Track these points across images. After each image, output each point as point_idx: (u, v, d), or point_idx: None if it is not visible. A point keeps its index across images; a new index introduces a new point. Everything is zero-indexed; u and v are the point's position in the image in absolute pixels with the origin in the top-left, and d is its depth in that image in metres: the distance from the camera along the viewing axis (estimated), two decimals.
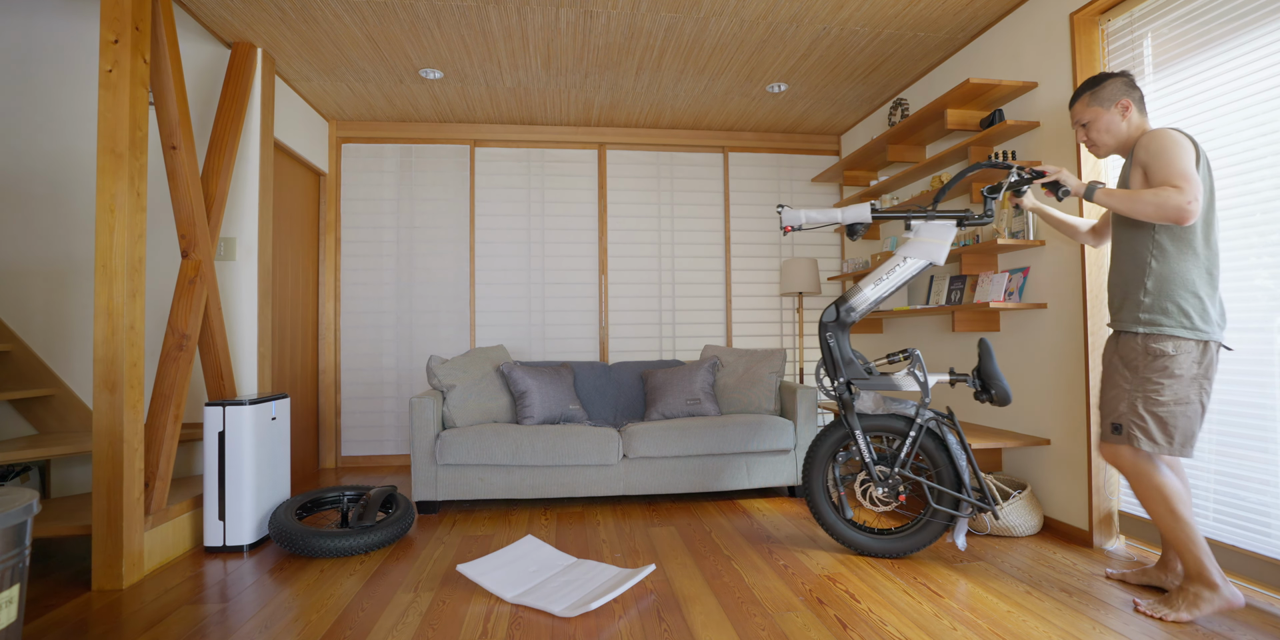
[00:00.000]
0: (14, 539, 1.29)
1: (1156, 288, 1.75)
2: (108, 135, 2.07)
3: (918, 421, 2.20)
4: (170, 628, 1.76)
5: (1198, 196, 1.63)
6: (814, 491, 2.32)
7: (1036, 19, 2.63)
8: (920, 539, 2.22)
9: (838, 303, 2.25)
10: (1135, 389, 1.76)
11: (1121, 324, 1.81)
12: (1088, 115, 1.89)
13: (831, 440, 2.33)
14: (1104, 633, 1.69)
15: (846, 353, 2.25)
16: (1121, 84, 1.85)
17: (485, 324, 4.11)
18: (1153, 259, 1.76)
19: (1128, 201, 1.71)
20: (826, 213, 2.23)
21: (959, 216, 2.19)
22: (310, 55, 3.11)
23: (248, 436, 2.41)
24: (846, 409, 2.26)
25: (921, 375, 2.18)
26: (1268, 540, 1.88)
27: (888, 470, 2.23)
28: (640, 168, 4.27)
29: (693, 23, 2.83)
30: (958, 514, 2.16)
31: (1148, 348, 1.74)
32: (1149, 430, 1.73)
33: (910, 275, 2.20)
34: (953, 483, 2.19)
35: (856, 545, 2.28)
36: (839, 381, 2.25)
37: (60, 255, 2.76)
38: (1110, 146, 1.88)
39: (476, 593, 1.99)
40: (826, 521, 2.31)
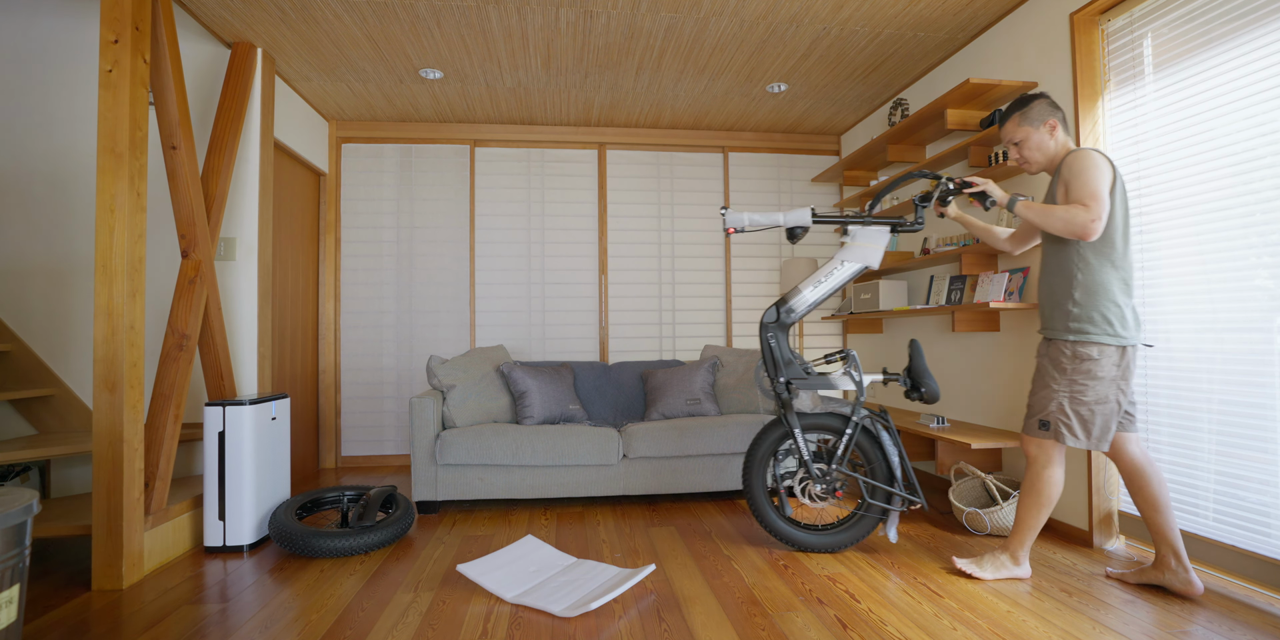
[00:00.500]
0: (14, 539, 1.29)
1: (1083, 298, 1.90)
2: (108, 135, 2.07)
3: (854, 419, 2.28)
4: (170, 628, 1.76)
5: (1102, 215, 1.80)
6: (754, 490, 2.35)
7: (1036, 19, 2.63)
8: (856, 533, 2.30)
9: (778, 304, 2.30)
10: (1063, 389, 1.91)
11: (1053, 332, 1.96)
12: (1019, 134, 2.03)
13: (771, 439, 2.37)
14: (1104, 633, 1.69)
15: (786, 353, 2.30)
16: (1047, 105, 2.01)
17: (485, 324, 4.11)
18: (1078, 272, 1.91)
19: (1042, 215, 1.89)
20: (769, 216, 2.29)
21: (893, 222, 2.28)
22: (310, 55, 3.11)
23: (248, 436, 2.41)
24: (786, 408, 2.31)
25: (857, 375, 2.26)
26: (1268, 540, 1.88)
27: (826, 467, 2.29)
28: (640, 168, 4.27)
29: (693, 23, 2.83)
30: (890, 507, 2.25)
31: (1075, 352, 1.90)
32: (1073, 427, 1.91)
33: (847, 278, 2.27)
34: (886, 478, 2.29)
35: (796, 542, 2.31)
36: (779, 381, 2.29)
37: (60, 255, 2.76)
38: (1040, 164, 2.04)
39: (476, 593, 1.99)
40: (766, 520, 2.34)
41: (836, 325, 4.41)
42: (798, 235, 2.28)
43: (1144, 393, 2.27)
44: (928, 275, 3.45)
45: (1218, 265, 2.02)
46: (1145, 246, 2.26)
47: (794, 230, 2.28)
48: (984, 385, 2.98)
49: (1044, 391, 1.96)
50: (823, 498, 2.30)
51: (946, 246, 3.12)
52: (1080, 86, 2.41)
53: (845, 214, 2.26)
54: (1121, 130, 2.34)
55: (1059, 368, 1.93)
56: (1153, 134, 2.22)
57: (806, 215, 2.26)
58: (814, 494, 2.30)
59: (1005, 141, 2.09)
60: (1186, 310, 2.12)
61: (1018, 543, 2.05)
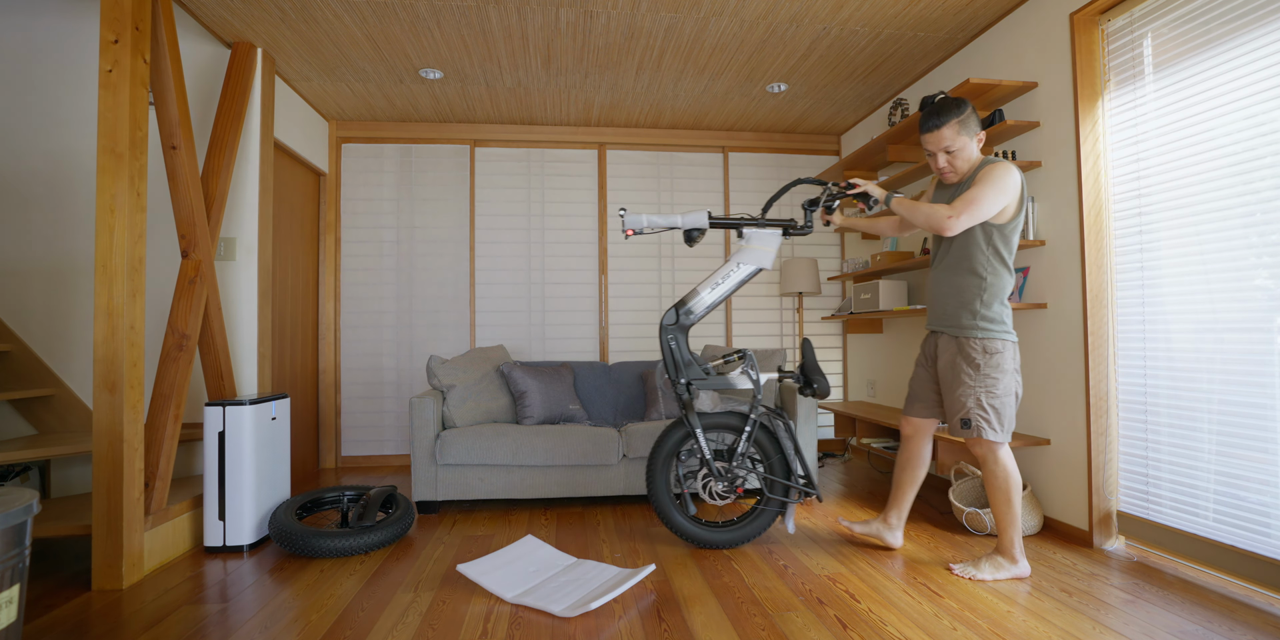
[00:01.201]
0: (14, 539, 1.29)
1: (989, 299, 2.03)
2: (108, 135, 2.07)
3: (752, 417, 2.33)
4: (170, 628, 1.76)
5: (961, 216, 1.93)
6: (657, 491, 2.36)
7: (1036, 19, 2.63)
8: (756, 527, 2.36)
9: (677, 306, 2.32)
10: (978, 385, 2.02)
11: (964, 330, 2.06)
12: (958, 143, 2.02)
13: (673, 440, 2.39)
14: (1104, 633, 1.69)
15: (686, 355, 2.32)
16: (977, 116, 2.07)
17: (485, 324, 4.11)
18: (987, 275, 2.03)
19: (910, 210, 2.03)
20: (668, 218, 2.31)
21: (784, 225, 2.35)
22: (310, 55, 3.11)
23: (248, 436, 2.41)
24: (687, 409, 2.32)
25: (754, 374, 2.30)
26: (1268, 540, 1.88)
27: (726, 465, 2.33)
28: (640, 168, 4.27)
29: (693, 23, 2.83)
30: (788, 500, 2.32)
31: (986, 348, 2.02)
32: (990, 421, 2.02)
33: (743, 279, 2.32)
34: (783, 473, 2.36)
35: (700, 540, 2.35)
36: (680, 382, 2.31)
37: (60, 255, 2.76)
38: (963, 173, 2.07)
39: (476, 593, 1.99)
40: (670, 520, 2.35)
41: (837, 325, 4.41)
42: (695, 238, 2.31)
43: (1144, 392, 2.27)
44: (928, 275, 3.45)
45: (1218, 265, 2.02)
46: (1145, 246, 2.26)
47: (691, 232, 2.32)
48: None
49: (961, 389, 2.05)
50: (725, 495, 2.34)
51: None
52: (1080, 86, 2.41)
53: (741, 217, 2.32)
54: (1121, 130, 2.34)
55: (972, 364, 2.03)
56: (1153, 134, 2.22)
57: (704, 218, 2.31)
58: (716, 492, 2.33)
59: (936, 147, 2.03)
60: (1186, 310, 2.12)
61: (1007, 540, 2.07)
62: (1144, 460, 2.27)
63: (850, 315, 3.76)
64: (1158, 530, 2.20)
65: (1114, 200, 2.38)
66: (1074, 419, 2.46)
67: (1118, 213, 2.37)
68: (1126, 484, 2.34)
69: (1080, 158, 2.41)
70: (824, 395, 2.31)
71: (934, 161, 2.07)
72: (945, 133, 2.00)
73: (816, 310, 4.39)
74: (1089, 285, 2.39)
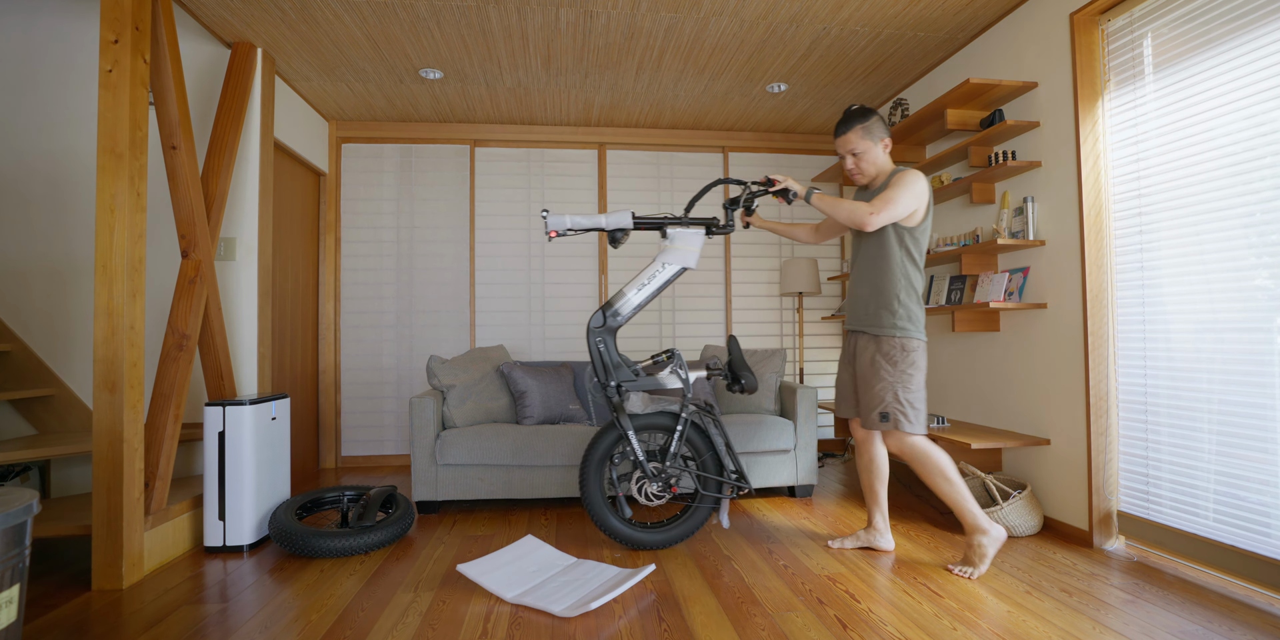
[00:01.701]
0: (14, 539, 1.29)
1: (905, 299, 2.14)
2: (108, 135, 2.07)
3: (683, 416, 2.34)
4: (170, 628, 1.76)
5: (881, 212, 2.03)
6: (591, 494, 2.33)
7: (1036, 19, 2.63)
8: (690, 525, 2.36)
9: (604, 308, 2.31)
10: (896, 381, 2.12)
11: (882, 329, 2.16)
12: (861, 146, 2.18)
13: (606, 443, 2.37)
14: (1104, 633, 1.69)
15: (614, 356, 2.30)
16: (883, 123, 2.20)
17: (485, 324, 4.11)
18: (903, 276, 2.14)
19: (831, 205, 2.11)
20: (591, 218, 2.29)
21: (706, 224, 2.34)
22: (310, 55, 3.11)
23: (248, 436, 2.41)
24: (618, 411, 2.31)
25: (683, 373, 2.31)
26: (1268, 540, 1.88)
27: (660, 465, 2.32)
28: (640, 168, 4.27)
29: (693, 23, 2.83)
30: (721, 496, 2.35)
31: (903, 346, 2.12)
32: (907, 414, 2.11)
33: (668, 279, 2.31)
34: (715, 469, 2.38)
35: (636, 542, 2.33)
36: (610, 385, 2.29)
37: (60, 255, 2.76)
38: (869, 176, 2.23)
39: (476, 593, 1.99)
40: (605, 523, 2.32)
41: (837, 325, 4.41)
42: (619, 239, 2.30)
43: (1144, 393, 2.27)
44: (928, 275, 3.45)
45: (1218, 265, 2.02)
46: (1145, 246, 2.26)
47: (615, 233, 2.30)
48: (984, 385, 2.98)
49: (879, 385, 2.14)
50: (659, 496, 2.33)
51: (946, 246, 3.12)
52: (1080, 86, 2.41)
53: (664, 216, 2.33)
54: (1121, 130, 2.34)
55: (891, 361, 2.13)
56: (1153, 134, 2.22)
57: (627, 218, 2.29)
58: (650, 493, 2.32)
59: (844, 150, 2.21)
60: (1186, 310, 2.12)
61: (970, 516, 2.12)
62: (1144, 460, 2.27)
63: None
64: (1158, 530, 2.20)
65: (1114, 200, 2.38)
66: (1074, 419, 2.46)
67: (1118, 213, 2.37)
68: (1127, 484, 2.34)
69: (1080, 158, 2.41)
70: (751, 391, 2.33)
71: (844, 163, 2.26)
72: (851, 137, 2.18)
73: (816, 310, 4.39)
74: (1089, 285, 2.39)
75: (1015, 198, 2.77)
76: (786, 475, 3.08)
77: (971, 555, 2.11)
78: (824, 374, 4.39)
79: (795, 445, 3.08)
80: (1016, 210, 2.73)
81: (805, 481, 3.10)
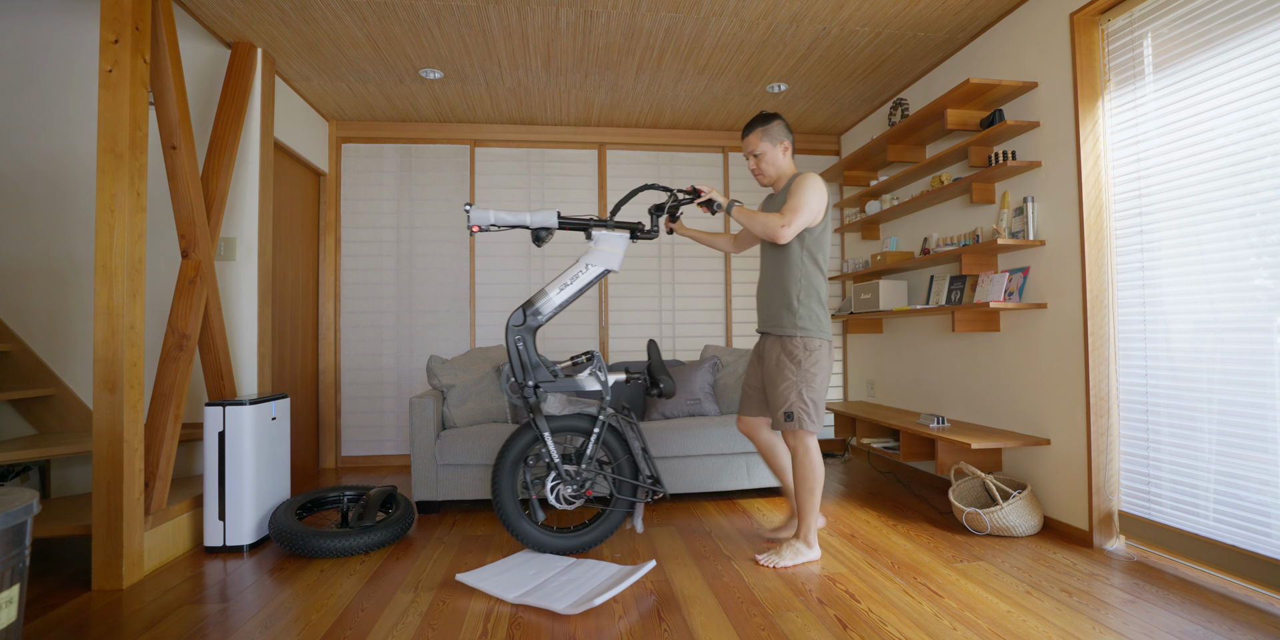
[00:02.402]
0: (14, 539, 1.29)
1: (806, 300, 2.21)
2: (108, 135, 2.07)
3: (600, 419, 2.32)
4: (170, 628, 1.76)
5: (793, 224, 2.11)
6: (502, 497, 2.28)
7: (1036, 19, 2.63)
8: (604, 530, 2.33)
9: (524, 306, 2.27)
10: (800, 381, 2.17)
11: (784, 329, 2.22)
12: (761, 148, 2.29)
13: (521, 444, 2.33)
14: (1104, 632, 1.69)
15: (533, 356, 2.27)
16: (784, 127, 2.29)
17: (485, 324, 4.11)
18: (803, 277, 2.21)
19: (748, 218, 2.17)
20: (516, 214, 2.25)
21: (631, 228, 2.34)
22: (310, 55, 3.11)
23: (248, 436, 2.41)
24: (535, 412, 2.28)
25: (603, 375, 2.29)
26: (1268, 540, 1.88)
27: (575, 468, 2.29)
28: (640, 168, 4.27)
29: (693, 23, 2.83)
30: (636, 500, 2.33)
31: (806, 345, 2.19)
32: (810, 413, 2.17)
33: (591, 281, 2.29)
34: (631, 473, 2.35)
35: (548, 547, 2.28)
36: (528, 385, 2.26)
37: (60, 255, 2.76)
38: (771, 177, 2.32)
39: (476, 593, 1.99)
40: (515, 527, 2.27)
41: (837, 325, 4.41)
42: (542, 238, 2.27)
43: (1144, 393, 2.27)
44: (928, 275, 3.45)
45: (1218, 265, 2.02)
46: (1145, 246, 2.26)
47: (539, 232, 2.27)
48: (984, 385, 2.98)
49: (784, 385, 2.19)
50: (574, 499, 2.29)
51: (946, 246, 3.12)
52: (1080, 86, 2.41)
53: (590, 218, 2.32)
54: (1121, 130, 2.34)
55: (795, 361, 2.18)
56: (1153, 134, 2.22)
57: (552, 217, 2.27)
58: (565, 497, 2.28)
59: (746, 151, 2.33)
60: (1186, 310, 2.12)
61: (806, 528, 2.21)
62: (1144, 460, 2.27)
63: (850, 315, 3.75)
64: (1158, 530, 2.20)
65: (1114, 200, 2.38)
66: (1074, 419, 2.46)
67: (1118, 213, 2.37)
68: (1127, 484, 2.34)
69: (1080, 158, 2.41)
70: (669, 395, 2.34)
71: (748, 163, 2.37)
72: (752, 139, 2.30)
73: None
74: (1089, 285, 2.39)
75: (1015, 198, 2.77)
76: None
77: (785, 551, 2.21)
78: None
79: None
80: (1016, 210, 2.73)
81: None
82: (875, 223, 3.92)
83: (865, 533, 2.56)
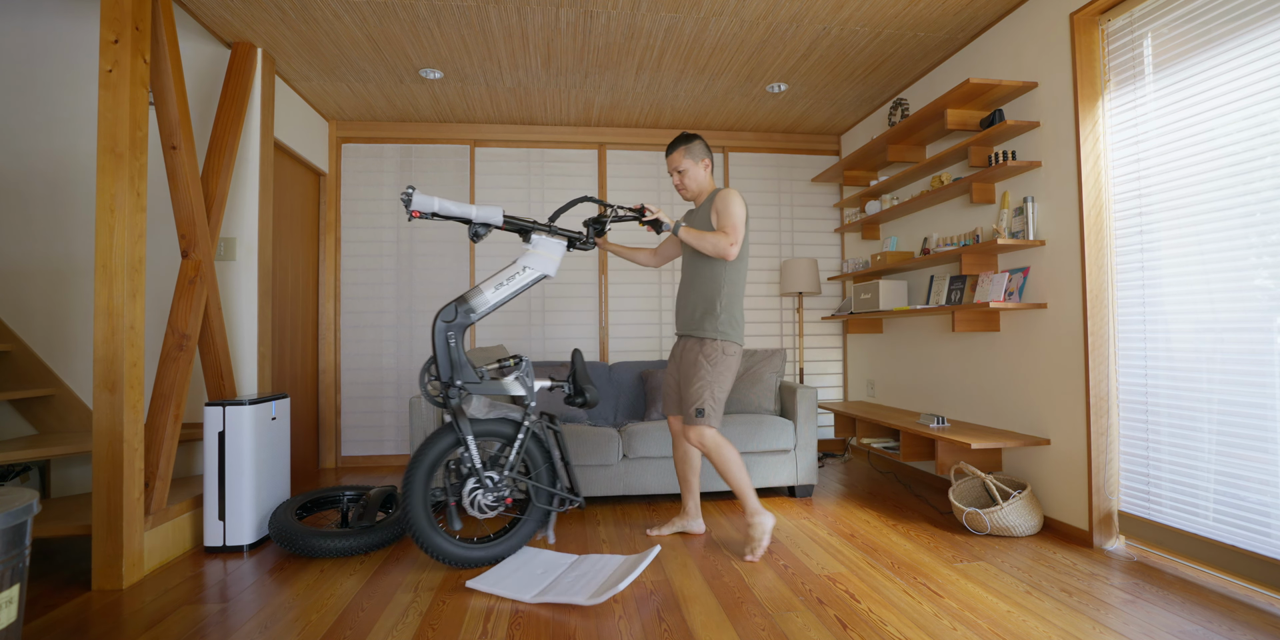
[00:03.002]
0: (14, 539, 1.29)
1: (727, 306, 2.35)
2: (108, 135, 2.07)
3: (525, 425, 2.25)
4: (170, 628, 1.76)
5: (738, 242, 2.28)
6: (413, 503, 2.14)
7: (1036, 19, 2.63)
8: (516, 541, 2.25)
9: (457, 303, 2.20)
10: (712, 380, 2.31)
11: (704, 332, 2.36)
12: (684, 165, 2.43)
13: (439, 448, 2.19)
14: (1104, 632, 1.69)
15: (461, 355, 2.19)
16: (704, 146, 2.46)
17: (485, 324, 4.11)
18: (725, 285, 2.35)
19: (698, 239, 2.29)
20: (461, 205, 2.19)
21: (571, 237, 2.36)
22: (310, 55, 3.11)
23: (248, 436, 2.41)
24: (457, 414, 2.18)
25: (529, 381, 2.28)
26: (1268, 540, 1.88)
27: (497, 476, 2.19)
28: (640, 167, 4.27)
29: (693, 23, 2.83)
30: (552, 509, 2.29)
31: (723, 350, 2.34)
32: (716, 411, 2.32)
33: (527, 284, 2.27)
34: (550, 482, 2.31)
35: (454, 558, 2.15)
36: (453, 385, 2.17)
37: (60, 255, 2.76)
38: (694, 192, 2.47)
39: (477, 593, 1.99)
40: (423, 537, 2.14)
41: (836, 325, 4.41)
42: (480, 234, 2.21)
43: (1144, 393, 2.27)
44: (928, 275, 3.45)
45: (1218, 265, 2.02)
46: (1145, 246, 2.26)
47: (477, 228, 2.21)
48: (984, 385, 2.98)
49: (698, 383, 2.32)
50: (492, 508, 2.18)
51: (946, 246, 3.12)
52: (1080, 86, 2.41)
53: (533, 222, 2.30)
54: (1121, 130, 2.34)
55: (711, 362, 2.32)
56: (1153, 134, 2.22)
57: (498, 214, 2.22)
58: (483, 505, 2.17)
59: (670, 168, 2.46)
60: (1186, 310, 2.12)
61: (751, 503, 2.34)
62: (1144, 460, 2.27)
63: (850, 315, 3.76)
64: (1158, 530, 2.20)
65: (1114, 200, 2.38)
66: (1074, 419, 2.46)
67: (1118, 213, 2.37)
68: (1127, 484, 2.34)
69: (1080, 158, 2.41)
70: (593, 405, 2.32)
71: (673, 180, 2.51)
72: (675, 157, 2.44)
73: (816, 310, 4.39)
74: (1089, 285, 2.39)
75: (1015, 198, 2.77)
76: (786, 475, 3.08)
77: (751, 535, 2.29)
78: (824, 374, 4.39)
79: (795, 445, 3.08)
80: (1016, 210, 2.73)
81: (805, 481, 3.10)
82: (875, 223, 3.92)
83: (865, 533, 2.56)
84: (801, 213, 4.39)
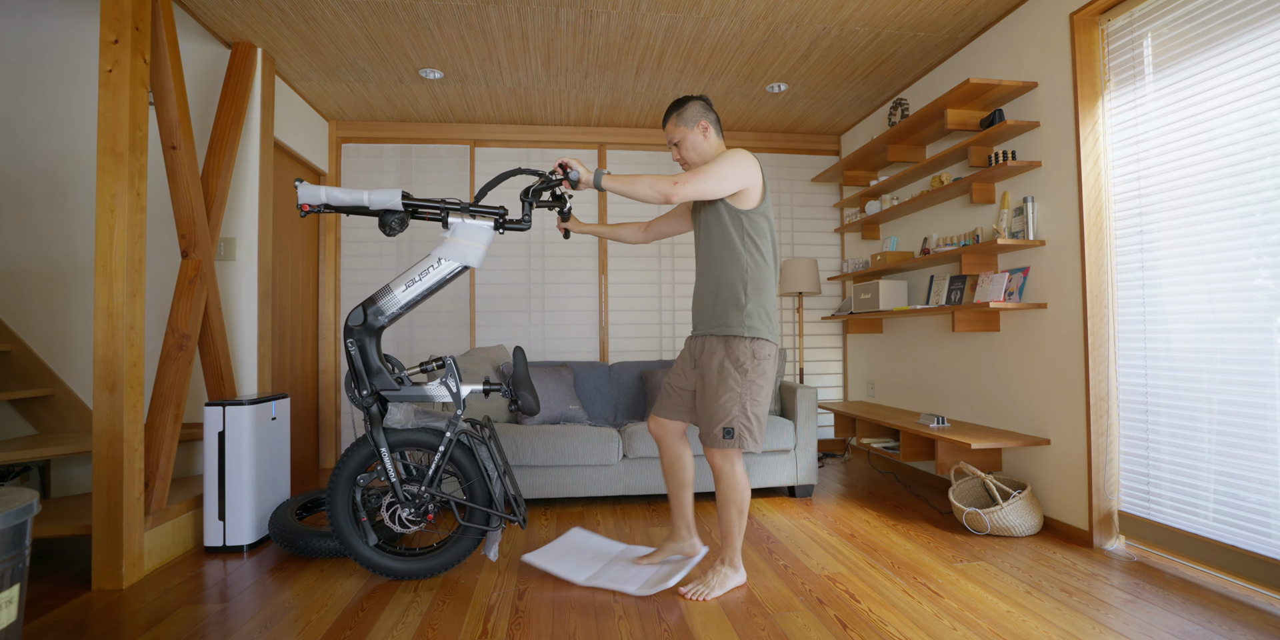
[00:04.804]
0: (14, 539, 1.29)
1: (752, 291, 1.92)
2: (108, 135, 2.07)
3: (448, 435, 2.05)
4: (170, 628, 1.76)
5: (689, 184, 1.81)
6: (337, 514, 2.08)
7: (1036, 19, 2.63)
8: (454, 555, 2.09)
9: (365, 305, 2.03)
10: (744, 391, 1.89)
11: (729, 328, 1.92)
12: (677, 135, 2.02)
13: (358, 458, 2.11)
14: (1104, 632, 1.69)
15: (374, 361, 2.04)
16: (701, 106, 2.02)
17: (485, 324, 4.11)
18: (749, 269, 1.92)
19: (627, 184, 1.85)
20: (353, 193, 1.95)
21: (497, 216, 2.05)
22: (310, 55, 3.11)
23: (248, 436, 2.41)
24: (373, 423, 2.06)
25: (454, 385, 2.05)
26: (1268, 540, 1.88)
27: (416, 489, 2.06)
28: (640, 167, 4.27)
29: (693, 23, 2.83)
30: (488, 528, 2.07)
31: (754, 351, 1.90)
32: (753, 431, 1.89)
33: (444, 278, 2.02)
34: (484, 497, 2.09)
35: (387, 571, 2.07)
36: (366, 393, 2.03)
37: (60, 255, 2.76)
38: (695, 163, 2.03)
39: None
40: (354, 550, 2.07)
41: (836, 325, 4.41)
42: (392, 225, 1.96)
43: (1144, 393, 2.27)
44: (928, 275, 3.45)
45: (1217, 265, 2.02)
46: (1145, 246, 2.26)
47: (386, 218, 1.97)
48: (984, 385, 2.98)
49: (726, 395, 1.89)
50: (414, 522, 2.07)
51: (946, 246, 3.12)
52: (1080, 86, 2.41)
53: (446, 201, 2.02)
54: (1121, 130, 2.34)
55: (740, 369, 1.89)
56: (1153, 134, 2.22)
57: (395, 197, 1.95)
58: (404, 519, 2.06)
59: (668, 142, 2.08)
60: (1186, 310, 2.12)
61: (732, 551, 1.99)
62: (1144, 460, 2.27)
63: (850, 315, 3.76)
64: (1158, 530, 2.20)
65: (1114, 200, 2.38)
66: (1074, 419, 2.46)
67: (1118, 213, 2.37)
68: (1127, 484, 2.34)
69: (1080, 158, 2.41)
70: (530, 412, 2.10)
71: (672, 155, 2.10)
72: (668, 128, 2.05)
73: (816, 310, 4.39)
74: (1089, 285, 2.39)
75: (1015, 198, 2.77)
76: (786, 475, 3.08)
77: (710, 578, 1.97)
78: (824, 374, 4.39)
79: (795, 445, 3.08)
80: (1016, 210, 2.73)
81: (805, 481, 3.10)
82: (875, 223, 3.92)
83: (865, 533, 2.56)
84: (801, 213, 4.39)
